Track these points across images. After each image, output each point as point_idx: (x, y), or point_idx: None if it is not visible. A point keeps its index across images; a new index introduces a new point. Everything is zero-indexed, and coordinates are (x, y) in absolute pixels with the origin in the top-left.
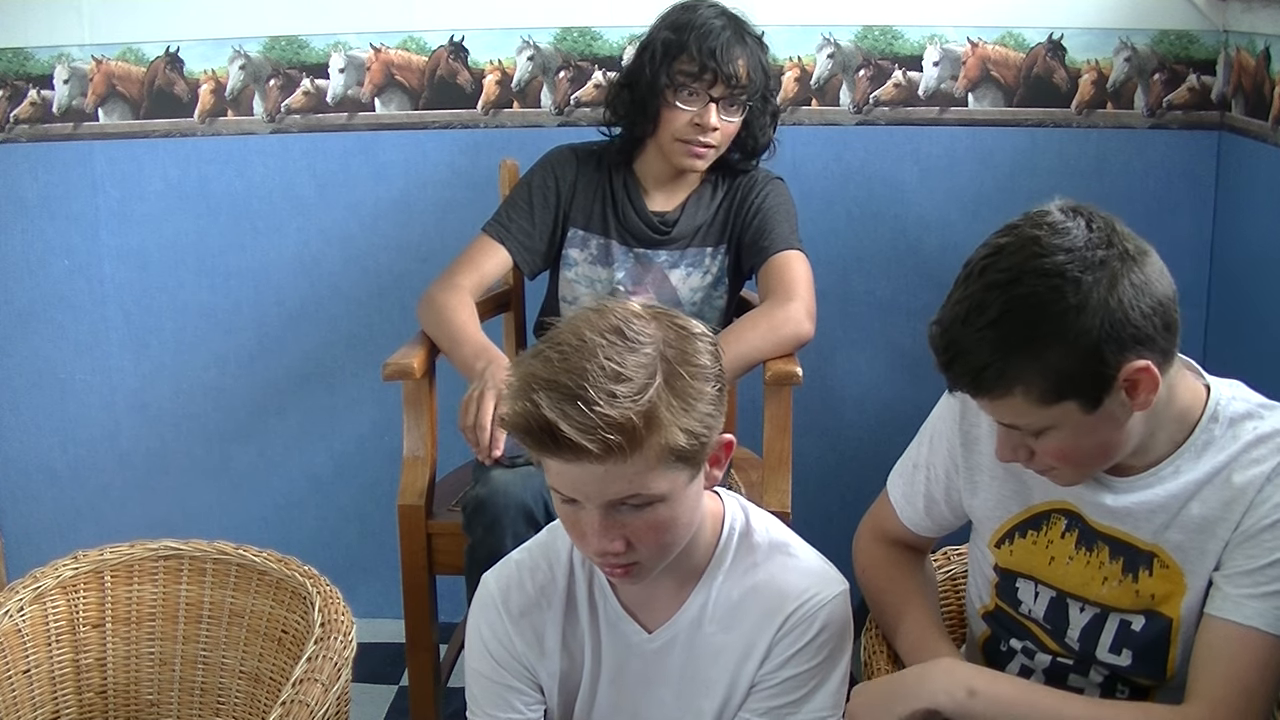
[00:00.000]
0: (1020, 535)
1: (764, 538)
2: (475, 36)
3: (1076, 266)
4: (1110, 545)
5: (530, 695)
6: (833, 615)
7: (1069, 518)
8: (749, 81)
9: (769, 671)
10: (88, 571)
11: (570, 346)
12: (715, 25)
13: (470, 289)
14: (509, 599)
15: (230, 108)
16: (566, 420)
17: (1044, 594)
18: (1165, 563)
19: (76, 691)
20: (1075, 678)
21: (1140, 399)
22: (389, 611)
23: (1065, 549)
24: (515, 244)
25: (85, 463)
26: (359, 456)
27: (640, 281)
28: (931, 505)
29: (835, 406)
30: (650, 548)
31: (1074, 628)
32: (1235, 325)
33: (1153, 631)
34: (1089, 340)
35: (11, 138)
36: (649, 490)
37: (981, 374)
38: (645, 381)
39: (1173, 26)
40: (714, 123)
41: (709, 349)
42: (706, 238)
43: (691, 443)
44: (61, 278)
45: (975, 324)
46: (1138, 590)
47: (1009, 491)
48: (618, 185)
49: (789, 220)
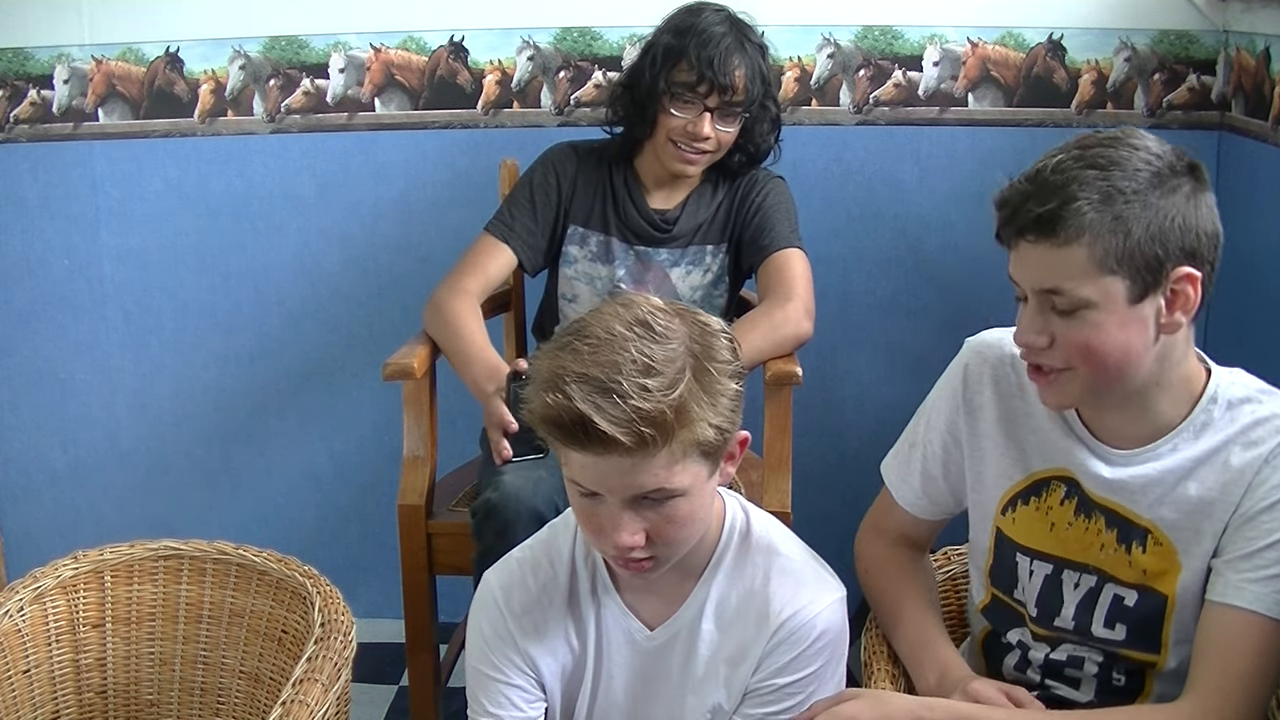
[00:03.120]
0: (1023, 502)
1: (763, 539)
2: (475, 36)
3: (1170, 162)
4: (1106, 516)
5: (531, 693)
6: (828, 623)
7: (1068, 485)
8: (746, 92)
9: (761, 679)
10: (88, 571)
11: (599, 339)
12: (716, 33)
13: (477, 293)
14: (510, 597)
15: (230, 108)
16: (600, 413)
17: (1039, 569)
18: (1159, 540)
19: (76, 691)
20: (1071, 670)
21: (1174, 316)
22: (389, 611)
23: (1065, 515)
24: (520, 243)
25: (85, 463)
26: (359, 456)
27: (640, 279)
28: (928, 482)
29: (835, 406)
30: (668, 542)
31: (1067, 606)
32: (1235, 325)
33: (1147, 607)
34: (1165, 221)
35: (11, 138)
36: (673, 484)
37: (1062, 209)
38: (676, 375)
39: (1173, 26)
40: (707, 131)
41: (729, 345)
42: (707, 236)
43: (718, 437)
44: (61, 278)
45: (1068, 171)
46: (1131, 562)
47: (1010, 459)
48: (618, 183)
49: (789, 219)
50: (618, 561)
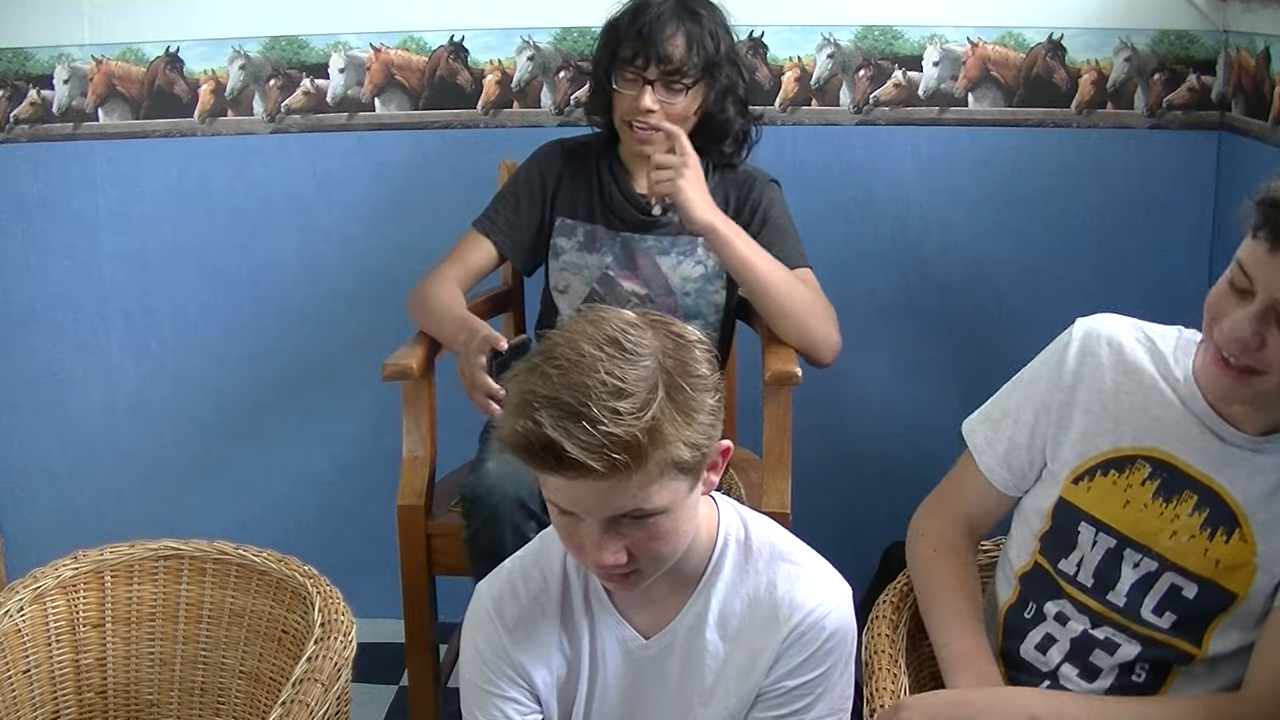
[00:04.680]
0: (1102, 473)
1: (765, 546)
2: (475, 36)
3: None
4: (1199, 495)
5: (525, 705)
6: (839, 622)
7: (1155, 465)
8: (684, 61)
9: (774, 681)
10: (88, 571)
11: (569, 361)
12: (653, 4)
13: (455, 279)
14: (503, 609)
15: (230, 108)
16: (570, 439)
17: (1103, 541)
18: (1245, 535)
19: (76, 691)
20: (1099, 654)
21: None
22: (389, 611)
23: (1142, 496)
24: (501, 236)
25: (85, 463)
26: (359, 456)
27: (629, 267)
28: (1012, 451)
29: (835, 406)
30: (650, 557)
31: (1123, 582)
32: None
33: (1206, 601)
34: None
35: (11, 138)
36: (651, 504)
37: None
38: (647, 396)
39: (1173, 26)
40: (648, 104)
41: (706, 356)
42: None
43: (694, 454)
44: (61, 278)
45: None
46: (1207, 550)
47: (1101, 429)
48: (604, 171)
49: (795, 234)
50: (601, 576)
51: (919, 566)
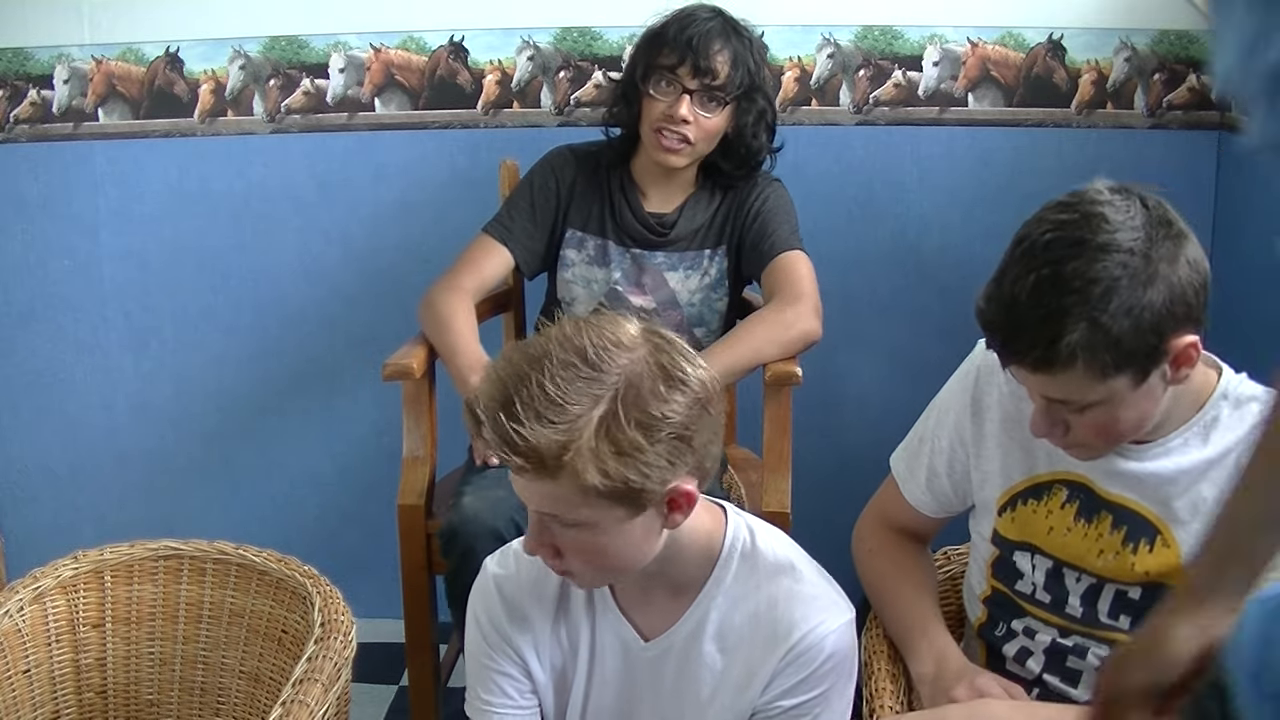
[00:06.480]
0: (1023, 502)
1: (770, 558)
2: (475, 36)
3: (1143, 243)
4: (1115, 514)
5: (524, 683)
6: (838, 644)
7: (1071, 489)
8: (728, 78)
9: (769, 701)
10: (88, 571)
11: (531, 355)
12: (701, 17)
13: (472, 291)
14: (502, 586)
15: (230, 108)
16: (491, 424)
17: (1041, 564)
18: (1167, 540)
19: (76, 691)
20: (1074, 660)
21: (1181, 373)
22: (389, 611)
23: (1064, 520)
24: (517, 245)
25: (85, 463)
26: (359, 456)
27: (637, 282)
28: (933, 478)
29: (835, 406)
30: (580, 565)
31: (1073, 596)
32: (1235, 325)
33: (1154, 599)
34: (1153, 314)
35: (11, 138)
36: (570, 515)
37: (1049, 349)
38: (577, 414)
39: (1173, 26)
40: (684, 114)
41: (686, 403)
42: (705, 240)
43: (612, 486)
44: (61, 278)
45: (1044, 301)
46: (1134, 564)
47: (1013, 460)
48: (615, 186)
49: (789, 221)
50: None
51: (862, 569)
